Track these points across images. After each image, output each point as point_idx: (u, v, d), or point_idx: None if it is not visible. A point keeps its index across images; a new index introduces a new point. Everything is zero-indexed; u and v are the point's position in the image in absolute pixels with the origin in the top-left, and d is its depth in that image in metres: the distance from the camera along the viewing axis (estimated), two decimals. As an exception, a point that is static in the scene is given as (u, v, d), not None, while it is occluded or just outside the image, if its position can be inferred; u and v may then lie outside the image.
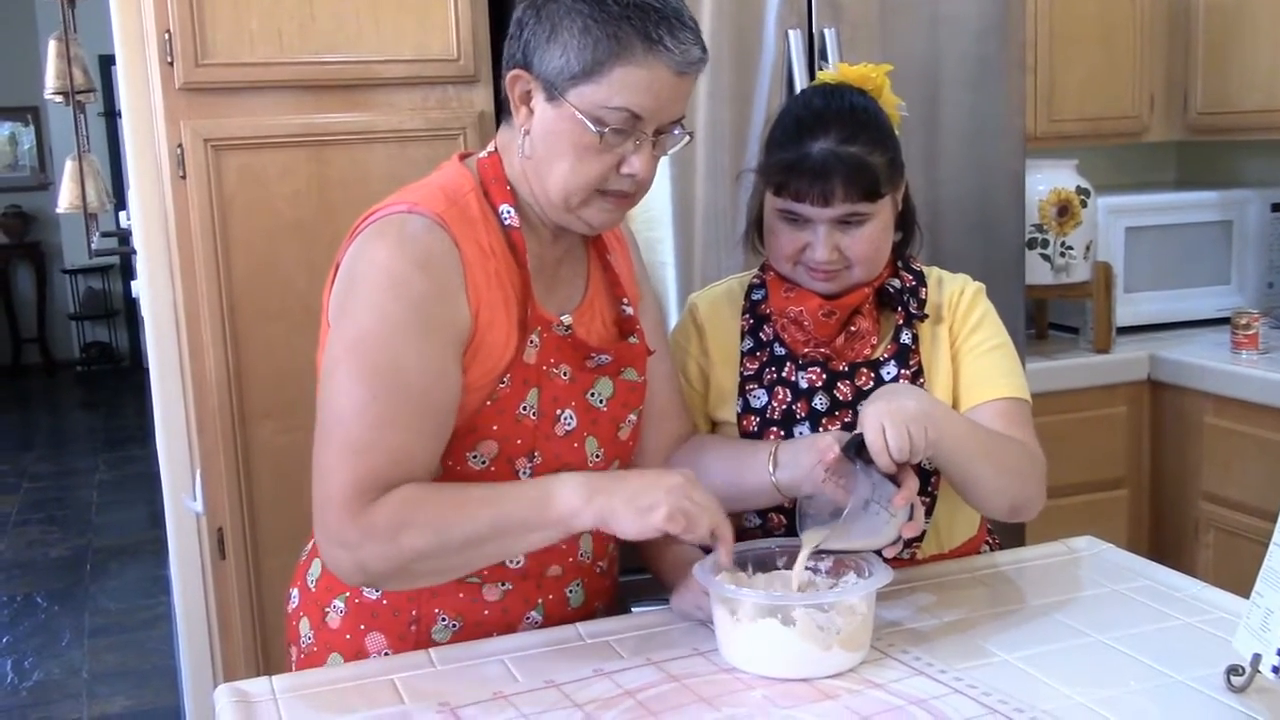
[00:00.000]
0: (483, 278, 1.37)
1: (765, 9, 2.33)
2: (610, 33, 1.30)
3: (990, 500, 1.51)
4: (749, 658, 1.33)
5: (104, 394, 8.46)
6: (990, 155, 2.51)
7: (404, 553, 1.31)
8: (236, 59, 2.16)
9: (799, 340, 1.59)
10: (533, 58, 1.35)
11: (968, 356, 1.61)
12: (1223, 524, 2.82)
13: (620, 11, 1.31)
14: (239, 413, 2.21)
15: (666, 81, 1.33)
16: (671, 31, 1.32)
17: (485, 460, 1.41)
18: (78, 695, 3.80)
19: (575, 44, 1.32)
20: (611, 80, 1.32)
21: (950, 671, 1.31)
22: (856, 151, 1.50)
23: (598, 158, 1.35)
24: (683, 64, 1.33)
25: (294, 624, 1.55)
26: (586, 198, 1.38)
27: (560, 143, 1.35)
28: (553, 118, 1.35)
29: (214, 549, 2.26)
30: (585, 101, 1.33)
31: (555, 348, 1.43)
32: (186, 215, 2.17)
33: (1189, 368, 2.89)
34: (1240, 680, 1.23)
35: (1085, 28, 3.08)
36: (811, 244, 1.53)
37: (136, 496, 5.85)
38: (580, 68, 1.32)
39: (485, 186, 1.42)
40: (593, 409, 1.47)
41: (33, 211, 9.05)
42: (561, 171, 1.36)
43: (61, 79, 3.69)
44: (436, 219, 1.36)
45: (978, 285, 1.67)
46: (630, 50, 1.31)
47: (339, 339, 1.35)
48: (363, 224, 1.40)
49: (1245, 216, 3.21)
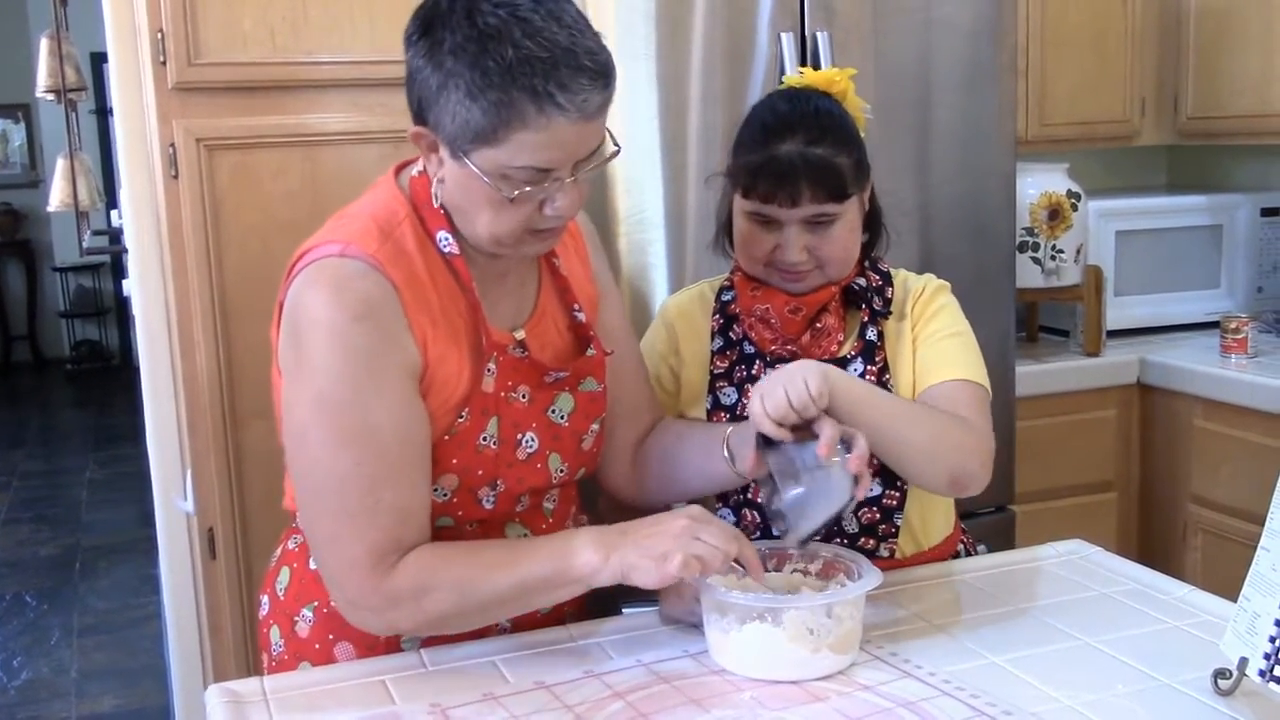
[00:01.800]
0: (425, 314, 1.34)
1: (758, 11, 2.34)
2: (494, 100, 1.21)
3: (925, 469, 1.49)
4: (739, 660, 1.33)
5: (94, 392, 8.44)
6: (981, 158, 2.52)
7: (429, 615, 1.32)
8: (229, 59, 2.16)
9: (767, 338, 1.61)
10: (428, 114, 1.28)
11: (924, 344, 1.62)
12: (1211, 527, 2.83)
13: (504, 74, 1.21)
14: (230, 413, 2.21)
15: (569, 132, 1.24)
16: (562, 84, 1.21)
17: (447, 493, 1.39)
18: (67, 694, 3.80)
19: (463, 110, 1.23)
20: (510, 144, 1.24)
21: (939, 674, 1.32)
22: (822, 153, 1.53)
23: (517, 208, 1.29)
24: (581, 114, 1.24)
25: (265, 631, 1.53)
26: (518, 239, 1.33)
27: (474, 197, 1.30)
28: (460, 174, 1.29)
29: (204, 549, 2.26)
30: (489, 163, 1.26)
31: (513, 369, 1.40)
32: (178, 214, 2.17)
33: (1178, 371, 2.90)
34: (1227, 684, 1.24)
35: (1076, 32, 3.09)
36: (782, 245, 1.55)
37: (127, 495, 5.83)
38: (474, 133, 1.24)
39: (419, 212, 1.37)
40: (554, 425, 1.45)
41: (23, 209, 9.03)
42: (484, 222, 1.31)
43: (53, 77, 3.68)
44: (370, 261, 1.31)
45: (940, 282, 1.68)
46: (521, 115, 1.22)
47: (300, 401, 1.33)
48: (298, 263, 1.36)
49: (1235, 221, 3.22)
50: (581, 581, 1.32)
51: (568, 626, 1.48)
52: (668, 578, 1.28)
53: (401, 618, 1.33)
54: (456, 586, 1.31)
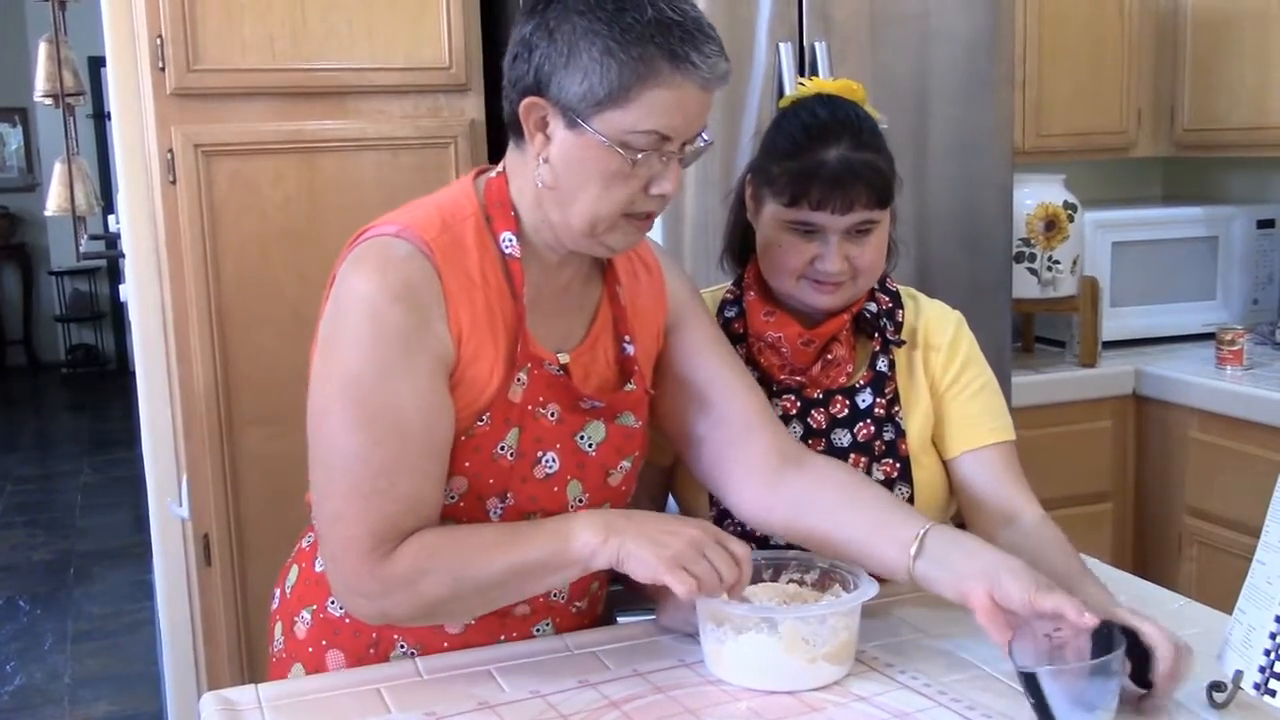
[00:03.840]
0: (468, 309, 1.33)
1: (756, 22, 2.34)
2: (635, 55, 1.24)
3: None
4: (734, 670, 1.33)
5: (90, 397, 8.43)
6: (978, 169, 2.53)
7: (425, 599, 1.31)
8: (228, 65, 2.16)
9: (775, 365, 1.58)
10: (548, 83, 1.28)
11: (956, 400, 1.60)
12: (1206, 539, 2.84)
13: (643, 31, 1.24)
14: (226, 418, 2.21)
15: (694, 98, 1.28)
16: (697, 46, 1.26)
17: (455, 496, 1.38)
18: (60, 700, 3.78)
19: (598, 69, 1.25)
20: (639, 104, 1.25)
21: (935, 685, 1.32)
22: (870, 158, 1.49)
23: (625, 182, 1.29)
24: (710, 78, 1.28)
25: (272, 625, 1.55)
26: (613, 223, 1.32)
27: (585, 170, 1.29)
28: (575, 145, 1.29)
29: (199, 555, 2.26)
30: (612, 128, 1.26)
31: (545, 386, 1.38)
32: (176, 220, 2.17)
33: (1174, 383, 2.90)
34: (1222, 697, 1.24)
35: (1073, 43, 3.10)
36: (821, 255, 1.51)
37: (121, 500, 5.82)
38: (605, 93, 1.25)
39: (489, 211, 1.37)
40: (580, 452, 1.41)
41: (20, 213, 9.02)
42: (588, 199, 1.30)
43: (51, 81, 3.68)
44: (421, 245, 1.31)
45: (957, 316, 1.65)
46: (657, 72, 1.25)
47: (329, 378, 1.32)
48: (357, 240, 1.37)
49: (1231, 232, 3.23)
50: (579, 563, 1.30)
51: (563, 636, 1.48)
52: (659, 578, 1.27)
53: (396, 604, 1.31)
54: (451, 570, 1.30)
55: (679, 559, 1.26)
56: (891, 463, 1.57)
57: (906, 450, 1.58)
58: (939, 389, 1.61)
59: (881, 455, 1.57)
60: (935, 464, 1.61)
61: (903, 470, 1.57)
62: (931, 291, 1.72)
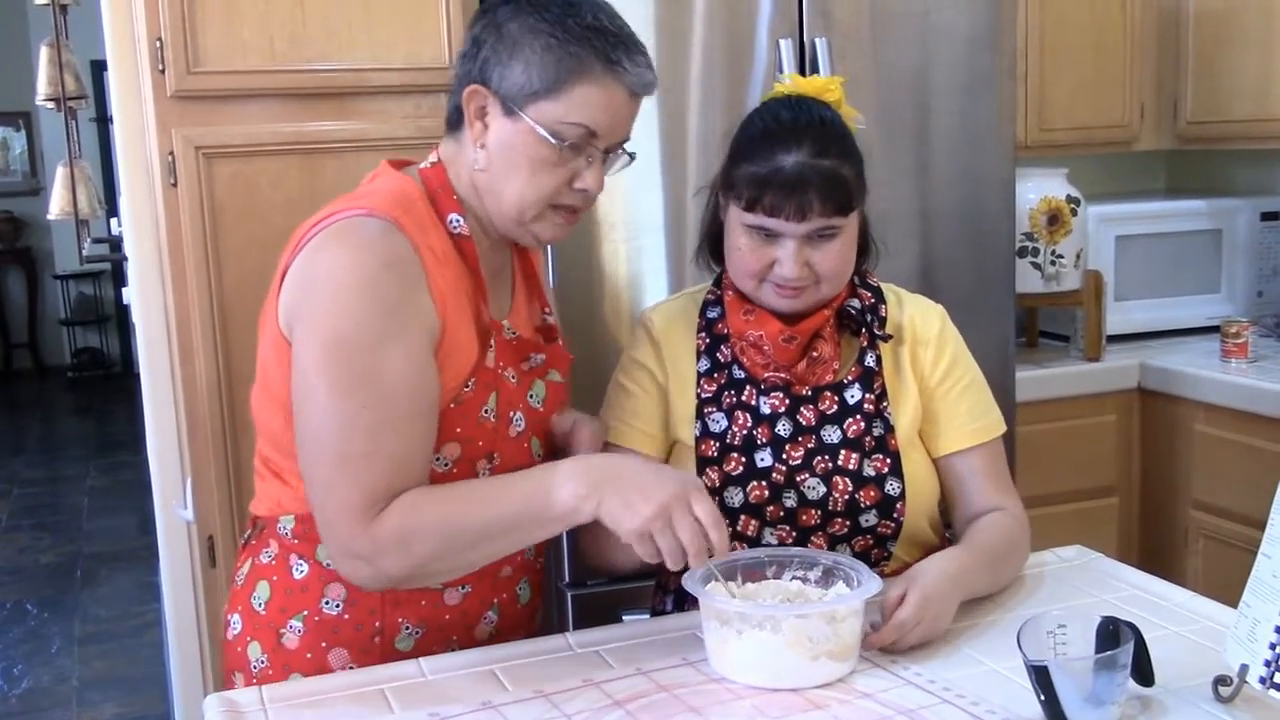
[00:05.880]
0: (442, 282, 1.39)
1: (757, 18, 2.34)
2: (572, 52, 1.37)
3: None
4: (738, 668, 1.33)
5: (95, 400, 8.44)
6: (981, 164, 2.52)
7: (418, 558, 1.34)
8: (228, 67, 2.16)
9: (759, 364, 1.57)
10: (491, 74, 1.39)
11: (945, 398, 1.61)
12: (1212, 532, 2.83)
13: (582, 33, 1.37)
14: (230, 420, 2.21)
15: (622, 101, 1.41)
16: (629, 54, 1.40)
17: (448, 463, 1.42)
18: (67, 702, 3.79)
19: (537, 61, 1.37)
20: (571, 97, 1.38)
21: (939, 681, 1.31)
22: (830, 164, 1.48)
23: (552, 172, 1.40)
24: (638, 86, 1.41)
25: (239, 650, 1.50)
26: (540, 211, 1.43)
27: (516, 156, 1.40)
28: (510, 132, 1.40)
29: (204, 557, 2.26)
30: (544, 117, 1.38)
31: (504, 351, 1.47)
32: (178, 222, 2.17)
33: (1179, 376, 2.90)
34: (1228, 691, 1.23)
35: (1076, 37, 3.10)
36: (780, 259, 1.50)
37: (127, 503, 5.83)
38: (541, 84, 1.37)
39: (431, 195, 1.45)
40: (534, 410, 1.52)
41: (24, 217, 9.04)
42: (517, 185, 1.41)
43: (53, 85, 3.68)
44: (394, 222, 1.38)
45: (940, 311, 1.65)
46: (590, 70, 1.38)
47: (309, 346, 1.35)
48: (312, 230, 1.39)
49: (1235, 225, 3.22)
50: (565, 519, 1.34)
51: (566, 635, 1.48)
52: (627, 538, 1.31)
53: (391, 564, 1.34)
54: (440, 527, 1.33)
55: (647, 526, 1.30)
56: (882, 458, 1.56)
57: (896, 445, 1.58)
58: (928, 385, 1.61)
59: (872, 451, 1.56)
60: (925, 458, 1.61)
61: (893, 465, 1.56)
62: (935, 287, 1.72)
